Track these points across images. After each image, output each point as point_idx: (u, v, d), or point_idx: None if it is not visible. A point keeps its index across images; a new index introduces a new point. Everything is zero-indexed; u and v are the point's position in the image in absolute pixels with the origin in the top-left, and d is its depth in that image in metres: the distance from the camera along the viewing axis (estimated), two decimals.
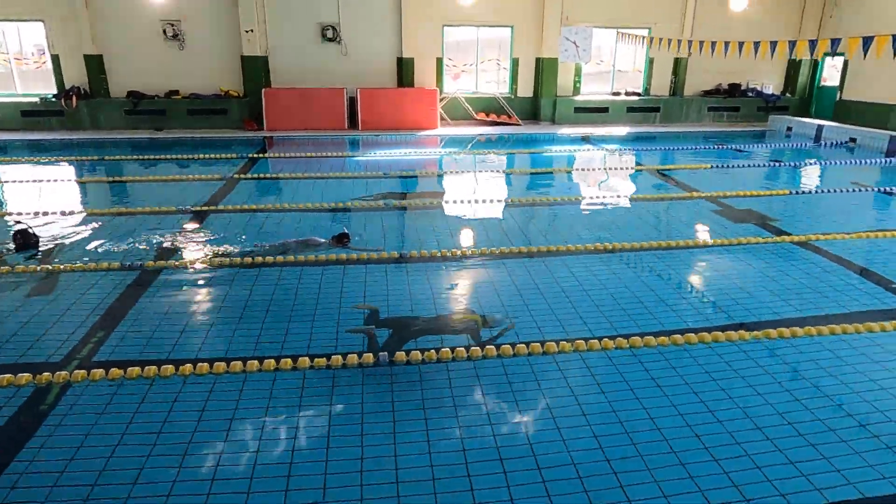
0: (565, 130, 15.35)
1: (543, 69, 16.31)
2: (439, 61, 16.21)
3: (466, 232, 7.28)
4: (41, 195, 9.12)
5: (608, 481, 3.03)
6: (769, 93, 17.49)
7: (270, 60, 15.59)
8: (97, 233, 6.92)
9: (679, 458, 3.21)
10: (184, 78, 15.40)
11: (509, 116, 16.36)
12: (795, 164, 11.55)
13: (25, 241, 6.25)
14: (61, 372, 3.91)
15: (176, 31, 15.10)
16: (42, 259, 6.01)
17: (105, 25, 14.86)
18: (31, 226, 6.60)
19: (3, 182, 10.19)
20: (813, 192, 9.16)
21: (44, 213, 7.54)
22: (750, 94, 17.46)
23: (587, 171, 11.27)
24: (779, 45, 10.56)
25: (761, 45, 10.74)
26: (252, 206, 8.12)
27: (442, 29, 15.96)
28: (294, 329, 4.63)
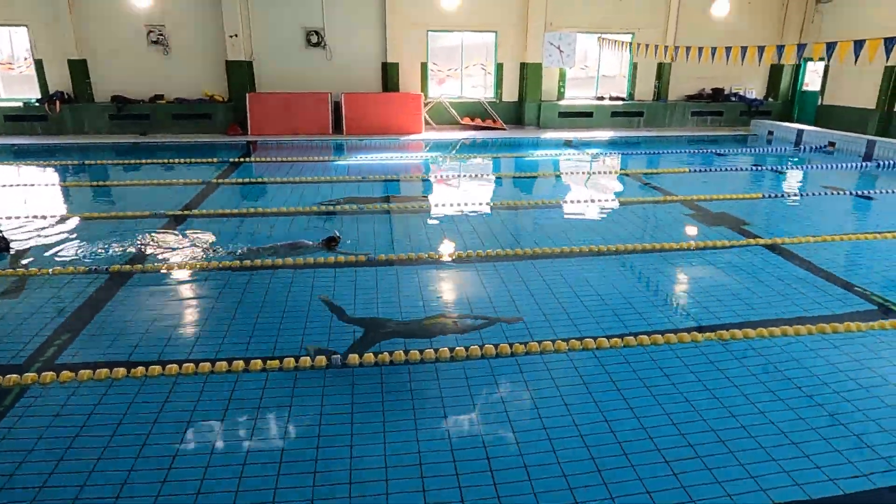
0: (549, 135, 15.44)
1: (528, 74, 16.40)
2: (424, 66, 16.28)
3: (450, 235, 7.30)
4: (18, 199, 9.11)
5: (592, 479, 3.09)
6: (752, 97, 17.64)
7: (255, 65, 15.62)
8: (71, 236, 6.92)
9: (663, 455, 3.27)
10: (168, 83, 15.42)
11: (494, 121, 16.43)
12: (773, 168, 11.66)
13: None
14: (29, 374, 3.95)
15: (160, 36, 15.12)
16: (11, 262, 6.02)
17: (89, 30, 14.87)
18: (1, 229, 6.60)
19: None
20: (787, 195, 9.25)
21: (17, 217, 7.55)
22: (733, 99, 17.61)
23: (567, 175, 11.33)
24: (749, 50, 10.66)
25: (733, 50, 10.84)
26: (229, 211, 8.12)
27: (426, 34, 16.03)
28: (287, 327, 4.72)
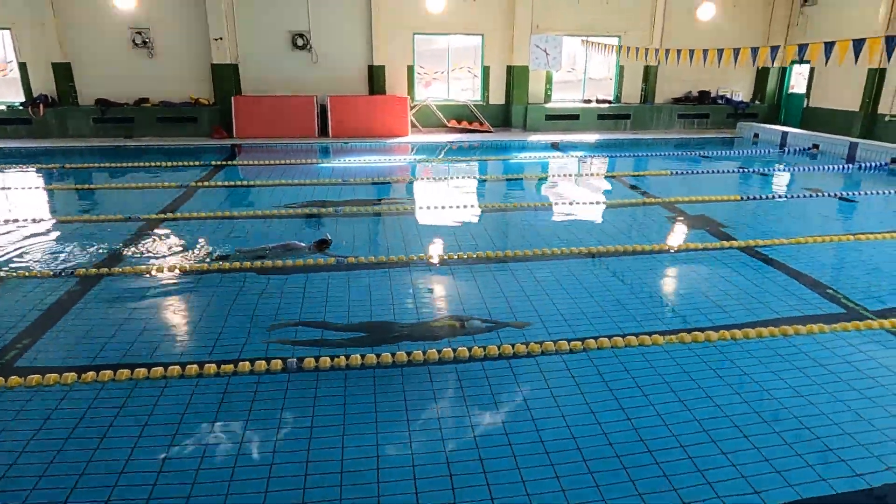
0: (535, 137, 15.44)
1: (514, 77, 16.41)
2: (410, 69, 16.27)
3: (438, 237, 7.32)
4: None
5: (584, 480, 3.10)
6: (738, 100, 17.70)
7: (241, 68, 15.58)
8: (40, 240, 6.88)
9: (655, 457, 3.26)
10: (153, 86, 15.35)
11: (481, 124, 16.43)
12: (756, 171, 11.69)
13: None
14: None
15: (145, 39, 15.06)
16: None
17: (73, 33, 14.80)
18: None
19: None
20: (767, 198, 9.26)
21: None
22: (719, 102, 17.66)
23: (551, 178, 11.32)
24: (741, 52, 10.69)
25: (725, 53, 10.86)
26: (205, 214, 8.05)
27: (412, 37, 16.03)
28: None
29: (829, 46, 8.62)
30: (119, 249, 6.58)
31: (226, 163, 12.11)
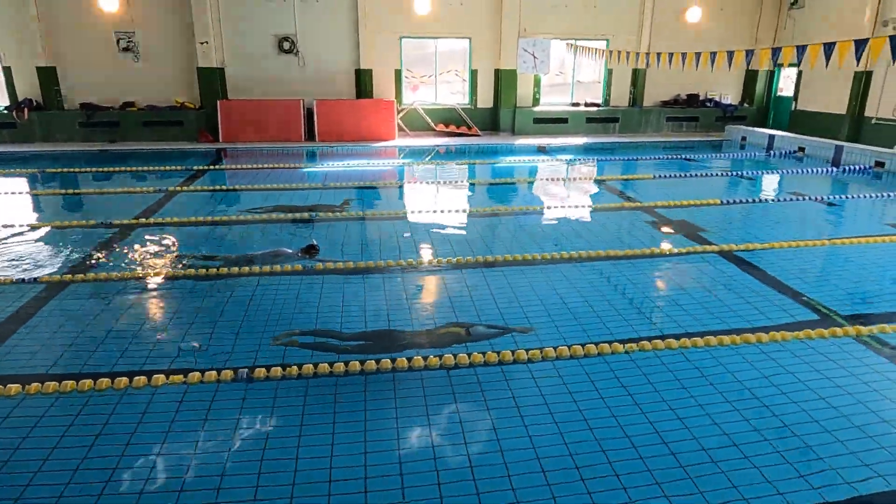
0: (523, 141, 15.40)
1: (502, 80, 16.38)
2: (398, 73, 16.23)
3: (427, 242, 7.27)
4: None
5: (576, 488, 3.08)
6: (727, 103, 17.68)
7: (227, 72, 15.52)
8: (9, 246, 6.80)
9: (647, 464, 3.25)
10: (139, 90, 15.29)
11: (469, 127, 16.39)
12: (741, 174, 11.65)
13: None
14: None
15: (130, 43, 15.00)
16: None
17: (58, 37, 14.74)
18: None
19: None
20: (749, 202, 9.20)
21: None
22: (708, 105, 17.64)
23: (535, 182, 11.27)
24: (718, 56, 10.65)
25: (707, 55, 10.82)
26: (180, 220, 7.99)
27: (400, 41, 16.00)
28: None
29: (800, 50, 8.59)
30: (88, 255, 6.50)
31: (209, 167, 12.05)
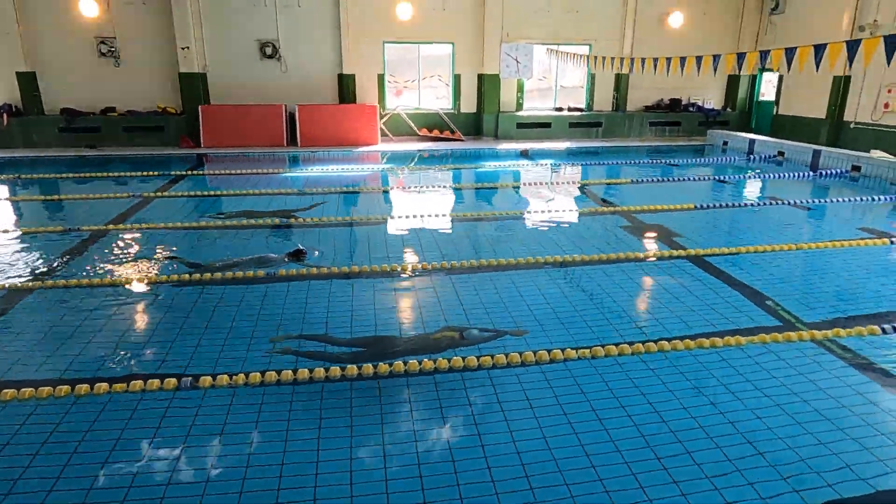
0: (506, 146, 15.42)
1: (485, 85, 16.40)
2: (381, 77, 16.23)
3: (408, 246, 7.25)
4: None
5: (560, 492, 3.08)
6: (710, 107, 17.78)
7: (209, 77, 15.46)
8: None
9: (630, 468, 3.24)
10: (120, 95, 15.21)
11: (452, 132, 16.40)
12: (720, 178, 11.69)
13: None
14: None
15: (111, 48, 14.93)
16: None
17: (38, 43, 14.65)
18: None
19: None
20: (725, 206, 9.23)
21: None
22: (691, 109, 17.73)
23: (515, 187, 11.27)
24: (704, 60, 10.63)
25: (692, 59, 10.80)
26: (151, 225, 7.91)
27: (382, 45, 15.99)
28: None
29: (763, 56, 8.63)
30: (54, 261, 6.44)
31: (188, 172, 11.98)
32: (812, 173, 11.73)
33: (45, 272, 6.15)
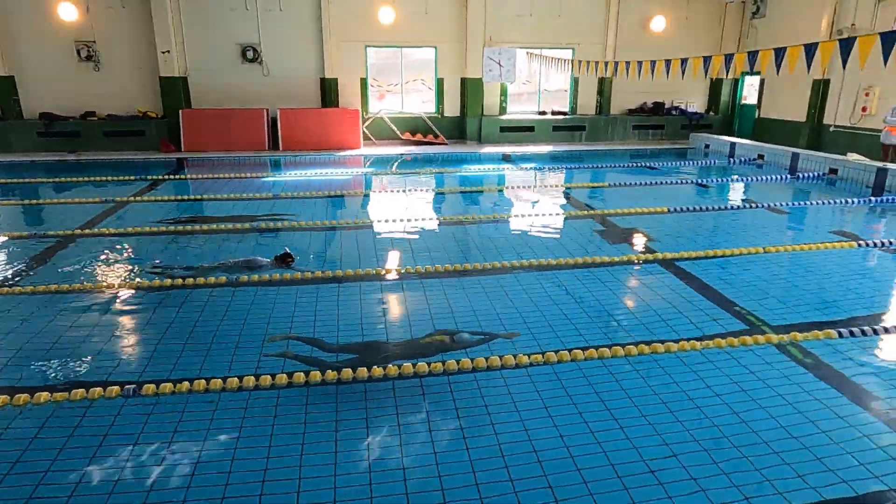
0: (489, 149, 15.40)
1: (468, 89, 16.40)
2: (363, 81, 16.20)
3: (396, 251, 7.20)
4: None
5: (544, 496, 3.07)
6: (693, 111, 17.84)
7: (190, 81, 15.39)
8: None
9: (616, 470, 3.24)
10: (100, 99, 15.11)
11: (435, 136, 16.37)
12: (699, 182, 11.72)
13: None
14: None
15: (91, 52, 14.83)
16: None
17: (17, 47, 14.54)
18: None
19: None
20: (701, 210, 9.23)
21: None
22: (674, 113, 17.78)
23: (494, 191, 11.24)
24: (694, 62, 10.62)
25: (678, 62, 10.84)
26: (116, 231, 7.82)
27: (365, 49, 15.97)
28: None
29: (727, 59, 8.63)
30: (18, 267, 6.37)
31: (166, 177, 11.89)
32: (790, 176, 11.77)
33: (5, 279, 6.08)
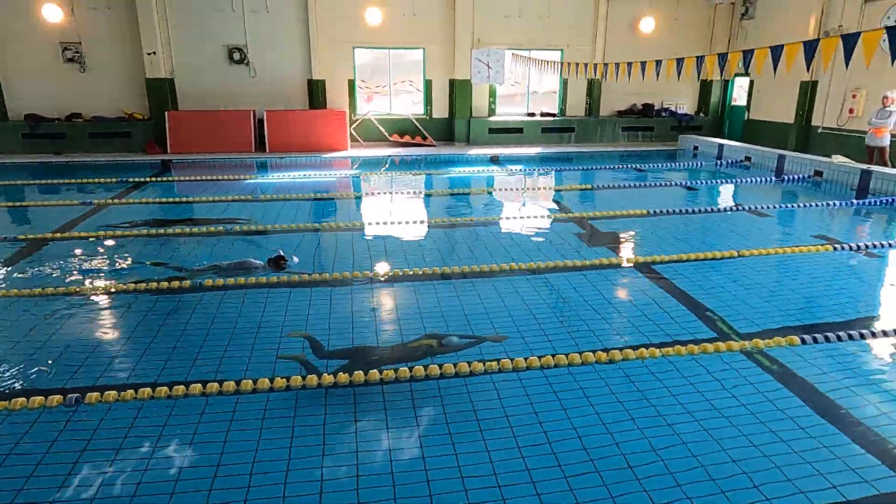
0: (476, 151, 15.33)
1: (457, 90, 16.34)
2: (351, 83, 16.13)
3: (380, 254, 7.18)
4: None
5: (531, 502, 3.06)
6: (683, 112, 17.79)
7: (177, 83, 15.31)
8: None
9: (602, 478, 3.23)
10: (86, 101, 15.02)
11: (423, 137, 16.31)
12: (685, 184, 11.67)
13: None
14: None
15: (76, 54, 14.74)
16: None
17: (1, 48, 14.43)
18: None
19: None
20: (685, 212, 9.16)
21: None
22: (663, 114, 17.73)
23: (478, 193, 11.17)
24: (687, 62, 10.52)
25: (673, 62, 10.76)
26: (89, 234, 7.75)
27: (352, 51, 15.90)
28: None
29: (700, 60, 8.56)
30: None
31: (150, 179, 11.82)
32: (774, 178, 11.72)
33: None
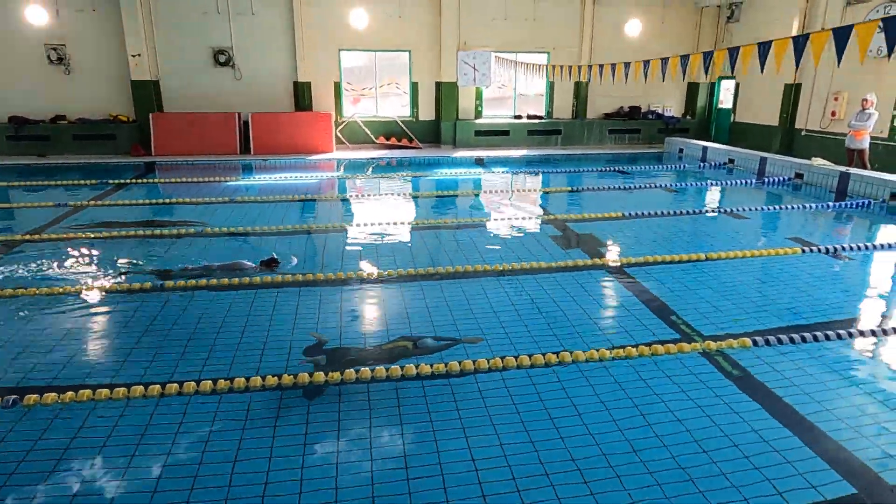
0: (462, 153, 15.34)
1: (443, 93, 16.34)
2: (337, 85, 16.13)
3: (362, 255, 7.17)
4: None
5: (512, 499, 3.09)
6: (669, 115, 17.83)
7: (162, 85, 15.29)
8: None
9: (583, 475, 3.25)
10: (71, 102, 14.99)
11: (410, 140, 16.31)
12: (667, 186, 11.68)
13: None
14: None
15: (61, 55, 14.71)
16: None
17: None
18: None
19: None
20: (663, 214, 9.16)
21: None
22: (650, 117, 17.76)
23: (461, 195, 11.18)
24: (672, 61, 10.53)
25: (657, 62, 10.78)
26: (64, 235, 7.74)
27: (338, 53, 15.90)
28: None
29: (684, 59, 8.57)
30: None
31: (131, 181, 11.79)
32: (757, 180, 11.75)
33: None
